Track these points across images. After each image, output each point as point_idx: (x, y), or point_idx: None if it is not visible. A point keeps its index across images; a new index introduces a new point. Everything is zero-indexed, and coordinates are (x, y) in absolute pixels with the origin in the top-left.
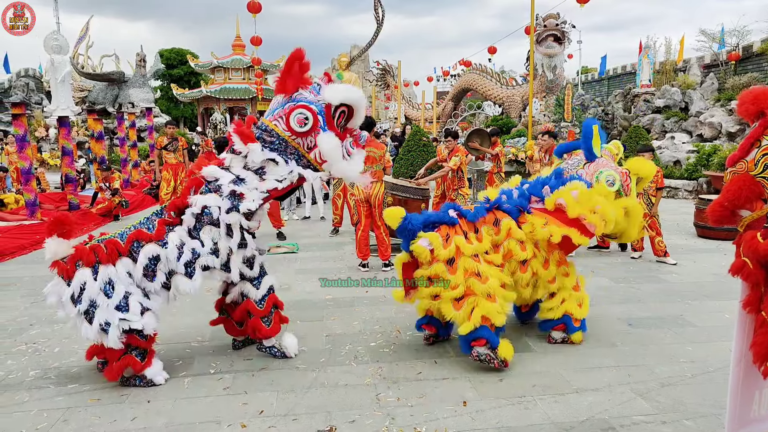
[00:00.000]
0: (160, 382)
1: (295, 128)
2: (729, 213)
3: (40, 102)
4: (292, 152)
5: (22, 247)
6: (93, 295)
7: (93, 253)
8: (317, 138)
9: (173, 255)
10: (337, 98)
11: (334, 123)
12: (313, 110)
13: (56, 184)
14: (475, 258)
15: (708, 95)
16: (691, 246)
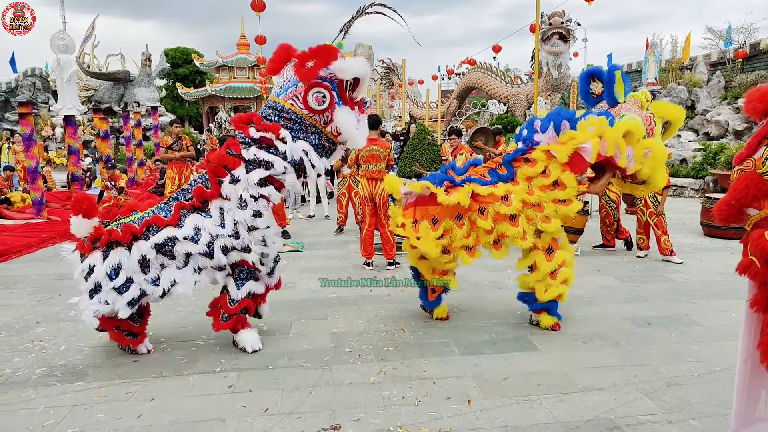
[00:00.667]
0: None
1: (314, 106)
2: (736, 211)
3: (46, 101)
4: (311, 130)
5: (28, 245)
6: (99, 277)
7: (108, 235)
8: (334, 114)
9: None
10: (349, 73)
11: (347, 97)
12: (329, 87)
13: (62, 182)
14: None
15: (715, 93)
16: (697, 245)
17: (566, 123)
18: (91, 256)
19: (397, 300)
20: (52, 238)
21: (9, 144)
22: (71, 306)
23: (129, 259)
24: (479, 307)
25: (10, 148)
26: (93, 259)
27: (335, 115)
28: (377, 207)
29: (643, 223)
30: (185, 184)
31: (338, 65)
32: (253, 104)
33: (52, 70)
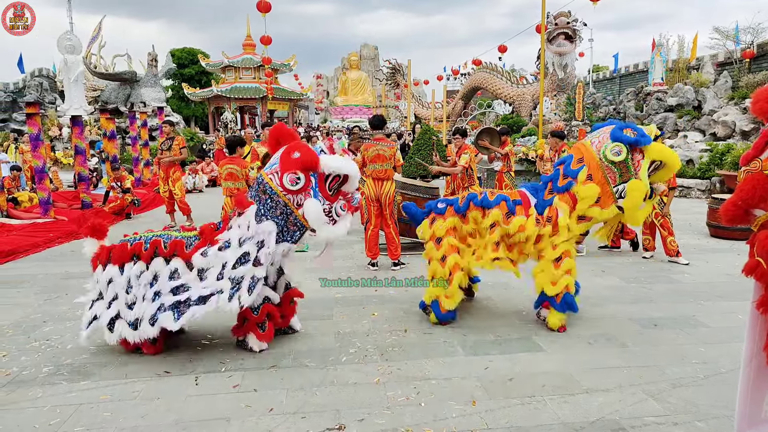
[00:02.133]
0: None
1: (288, 186)
2: (743, 212)
3: (53, 101)
4: (281, 209)
5: (35, 244)
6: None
7: (108, 254)
8: (304, 201)
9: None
10: (329, 169)
11: (326, 187)
12: (306, 174)
13: (69, 182)
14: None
15: (721, 93)
16: (703, 246)
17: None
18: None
19: (401, 300)
20: (59, 237)
21: (17, 144)
22: (78, 305)
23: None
24: (484, 307)
25: (18, 148)
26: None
27: (304, 203)
28: (383, 207)
29: (649, 224)
30: (173, 185)
31: (323, 161)
32: (259, 104)
33: (59, 70)
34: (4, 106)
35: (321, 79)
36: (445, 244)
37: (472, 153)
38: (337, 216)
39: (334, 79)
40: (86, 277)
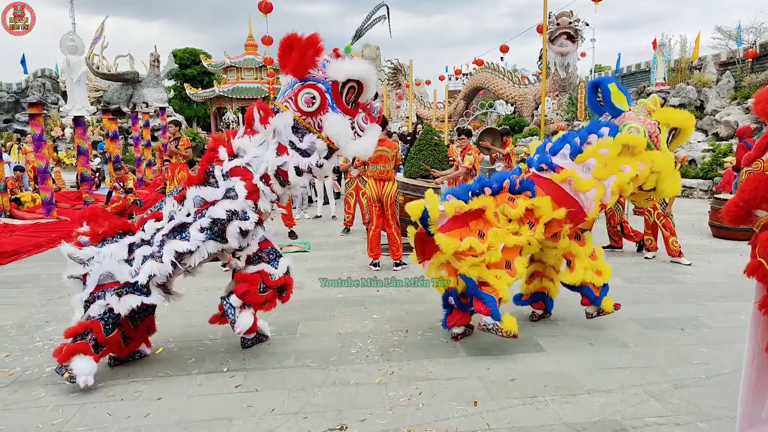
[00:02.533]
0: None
1: (304, 108)
2: (744, 213)
3: (56, 102)
4: (303, 132)
5: (38, 245)
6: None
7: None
8: (324, 118)
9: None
10: (342, 74)
11: (343, 100)
12: (320, 89)
13: (72, 182)
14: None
15: (724, 93)
16: (706, 246)
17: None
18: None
19: (403, 300)
20: (62, 238)
21: (20, 144)
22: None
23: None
24: None
25: (21, 149)
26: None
27: (325, 121)
28: (384, 207)
29: (651, 224)
30: (179, 184)
31: (331, 66)
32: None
33: (62, 71)
34: (7, 107)
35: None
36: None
37: (476, 154)
38: (360, 130)
39: None
40: None
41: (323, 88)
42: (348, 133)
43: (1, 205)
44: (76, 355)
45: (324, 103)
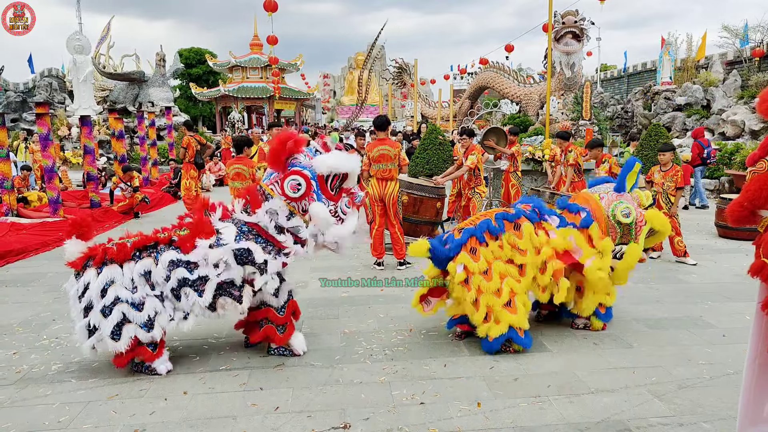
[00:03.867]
0: (162, 372)
1: (289, 194)
2: (749, 213)
3: (63, 101)
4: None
5: (45, 243)
6: (92, 296)
7: (103, 254)
8: (310, 206)
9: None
10: (326, 169)
11: (328, 187)
12: (306, 175)
13: (78, 182)
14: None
15: (731, 93)
16: (711, 246)
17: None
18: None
19: (407, 300)
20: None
21: (27, 144)
22: None
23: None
24: None
25: (28, 148)
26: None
27: (309, 208)
28: (387, 207)
29: None
30: (187, 182)
31: (317, 160)
32: (266, 104)
33: (69, 70)
34: (14, 106)
35: (328, 79)
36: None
37: (479, 154)
38: (343, 214)
39: (341, 79)
40: None
41: (309, 175)
42: (330, 221)
43: (8, 204)
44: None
45: (309, 189)
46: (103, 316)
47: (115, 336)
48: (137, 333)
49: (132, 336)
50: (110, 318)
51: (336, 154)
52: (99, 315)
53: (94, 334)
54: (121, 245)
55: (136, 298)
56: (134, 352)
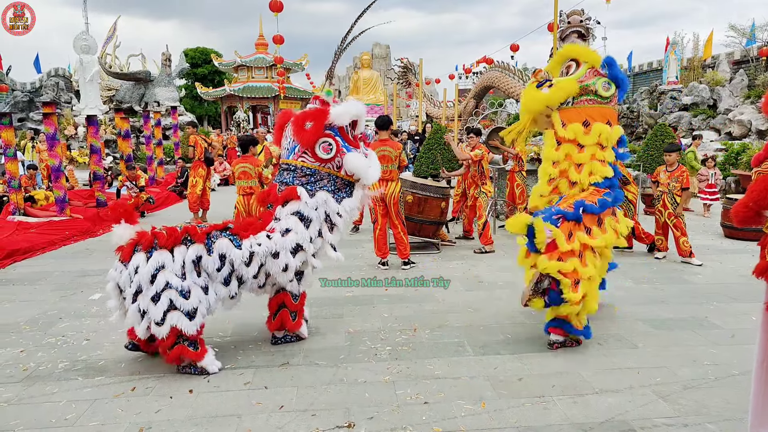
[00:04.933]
0: (213, 371)
1: (324, 156)
2: (754, 214)
3: (69, 101)
4: (327, 178)
5: (51, 242)
6: (141, 280)
7: (152, 238)
8: (344, 159)
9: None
10: (347, 118)
11: (349, 136)
12: (332, 135)
13: (85, 181)
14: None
15: (737, 92)
16: (717, 246)
17: None
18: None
19: (411, 299)
20: (75, 235)
21: (33, 143)
22: (92, 302)
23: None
24: (494, 307)
25: (35, 147)
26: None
27: (345, 161)
28: (388, 207)
29: (662, 224)
30: (195, 180)
31: (334, 113)
32: (271, 104)
33: (75, 70)
34: (21, 106)
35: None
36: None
37: (485, 151)
38: (365, 157)
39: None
40: (102, 275)
41: (333, 134)
42: (366, 164)
43: (15, 203)
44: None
45: (338, 147)
46: (152, 302)
47: (160, 322)
48: (180, 322)
49: (174, 324)
50: (159, 304)
51: (347, 103)
52: (148, 300)
53: (145, 317)
54: (172, 230)
55: (184, 285)
56: (179, 350)
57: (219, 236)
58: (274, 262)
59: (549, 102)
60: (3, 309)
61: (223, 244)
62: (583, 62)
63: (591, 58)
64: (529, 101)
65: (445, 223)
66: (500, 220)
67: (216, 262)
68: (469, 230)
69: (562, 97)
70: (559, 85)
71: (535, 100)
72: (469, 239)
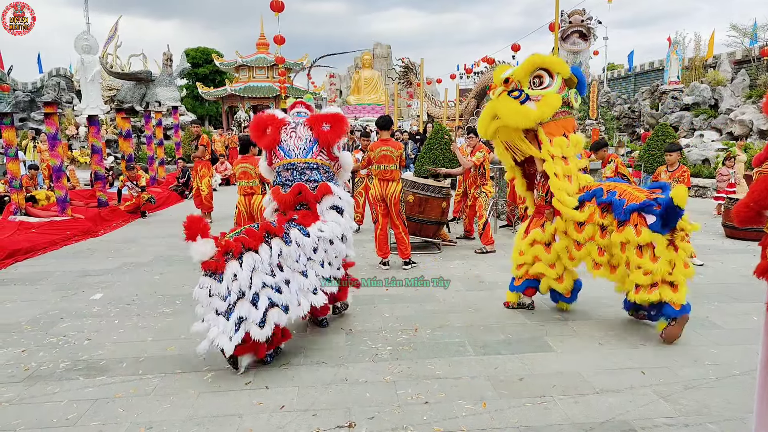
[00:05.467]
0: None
1: (336, 155)
2: (755, 214)
3: (70, 101)
4: (330, 173)
5: (53, 242)
6: (242, 286)
7: (240, 244)
8: (341, 156)
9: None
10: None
11: None
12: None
13: (86, 181)
14: None
15: (739, 92)
16: (718, 246)
17: None
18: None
19: (412, 299)
20: (76, 235)
21: (35, 143)
22: (94, 302)
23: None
24: (495, 307)
25: (36, 147)
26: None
27: (341, 158)
28: (389, 207)
29: None
30: (201, 181)
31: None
32: (272, 104)
33: (76, 70)
34: (22, 106)
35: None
36: None
37: (486, 152)
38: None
39: (347, 78)
40: (103, 274)
41: None
42: (351, 161)
43: (17, 203)
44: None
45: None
46: (253, 305)
47: (261, 323)
48: (279, 317)
49: (276, 321)
50: (259, 305)
51: (331, 110)
52: (248, 305)
53: (242, 325)
54: (250, 230)
55: (276, 281)
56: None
57: (290, 227)
58: (331, 248)
59: (541, 119)
60: (4, 309)
61: (295, 234)
62: (556, 73)
63: (564, 69)
64: (513, 116)
65: (446, 223)
66: (501, 220)
67: (295, 252)
68: (470, 230)
69: (551, 114)
70: (548, 101)
71: (524, 117)
72: (470, 239)
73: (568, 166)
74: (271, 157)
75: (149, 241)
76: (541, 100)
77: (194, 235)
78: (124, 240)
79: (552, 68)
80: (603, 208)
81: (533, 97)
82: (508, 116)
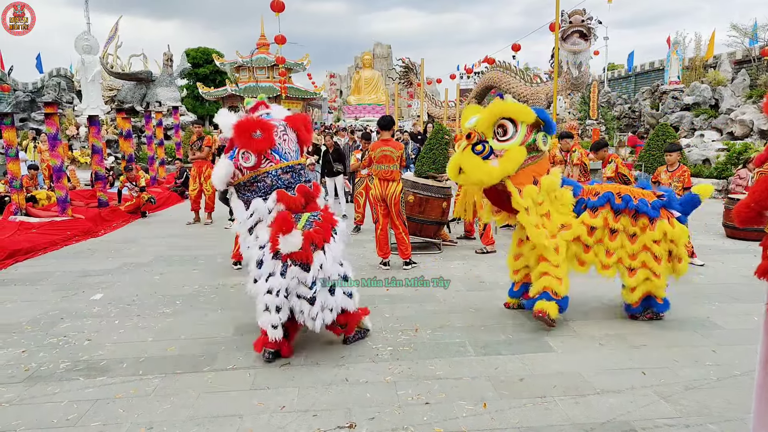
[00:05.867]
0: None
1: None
2: (756, 214)
3: (71, 101)
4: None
5: (53, 242)
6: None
7: (321, 236)
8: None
9: None
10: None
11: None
12: None
13: (86, 181)
14: None
15: (739, 92)
16: (719, 246)
17: None
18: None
19: (412, 300)
20: (76, 236)
21: (35, 143)
22: (94, 302)
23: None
24: (495, 307)
25: (36, 147)
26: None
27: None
28: (389, 208)
29: None
30: (206, 182)
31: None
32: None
33: (77, 70)
34: (23, 106)
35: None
36: None
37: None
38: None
39: (348, 78)
40: (103, 275)
41: None
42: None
43: (17, 203)
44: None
45: None
46: (330, 293)
47: (334, 309)
48: (347, 303)
49: (345, 306)
50: (336, 292)
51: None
52: (326, 292)
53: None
54: (321, 224)
55: (344, 270)
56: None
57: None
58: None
59: (503, 176)
60: (5, 309)
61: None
62: (520, 122)
63: (528, 117)
64: (477, 173)
65: (447, 223)
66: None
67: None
68: (471, 230)
69: (515, 169)
70: (510, 157)
71: (488, 175)
72: (471, 239)
73: (541, 207)
74: (260, 160)
75: (149, 242)
76: (503, 156)
77: (287, 229)
78: (124, 240)
79: (516, 117)
80: (617, 213)
81: (497, 151)
82: (472, 173)
